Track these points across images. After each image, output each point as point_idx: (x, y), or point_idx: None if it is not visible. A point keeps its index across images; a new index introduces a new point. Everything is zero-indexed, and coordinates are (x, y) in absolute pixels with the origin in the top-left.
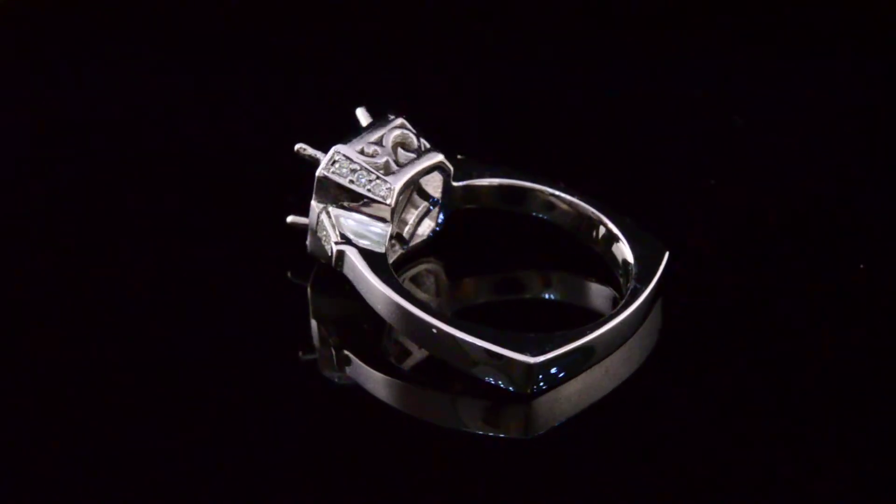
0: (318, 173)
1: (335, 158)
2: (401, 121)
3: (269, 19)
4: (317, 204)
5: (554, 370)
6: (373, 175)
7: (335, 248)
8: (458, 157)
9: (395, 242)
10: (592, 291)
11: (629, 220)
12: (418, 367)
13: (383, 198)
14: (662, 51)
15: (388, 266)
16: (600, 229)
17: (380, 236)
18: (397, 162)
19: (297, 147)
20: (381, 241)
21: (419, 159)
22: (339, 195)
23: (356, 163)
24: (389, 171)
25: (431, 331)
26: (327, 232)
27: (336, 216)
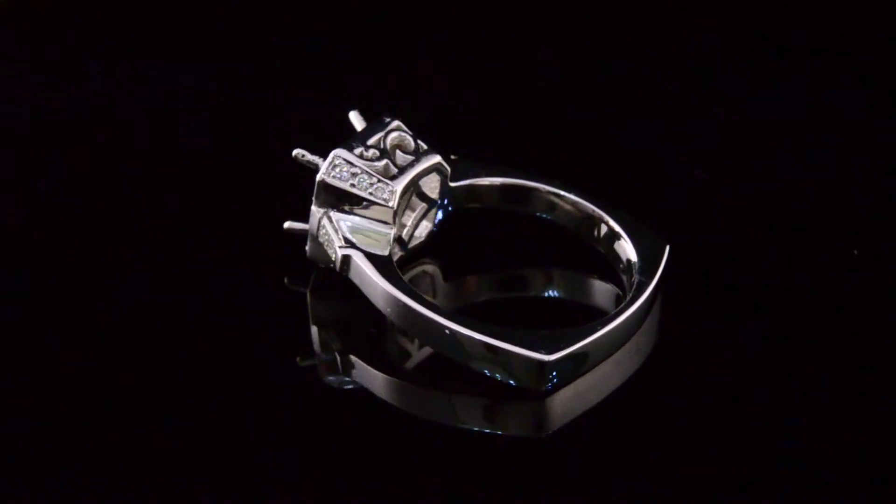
0: (318, 178)
1: (335, 163)
2: (397, 123)
3: (261, 22)
4: (317, 209)
5: (567, 367)
6: (374, 178)
7: (340, 253)
8: (452, 157)
9: (394, 245)
10: (594, 289)
11: (626, 214)
12: (426, 369)
13: (385, 200)
14: (657, 49)
15: (394, 269)
16: (602, 227)
17: (383, 239)
18: (396, 164)
19: (294, 153)
20: (384, 244)
21: (418, 161)
22: (340, 199)
23: (357, 166)
24: (389, 173)
25: (444, 332)
26: (330, 237)
27: (338, 220)
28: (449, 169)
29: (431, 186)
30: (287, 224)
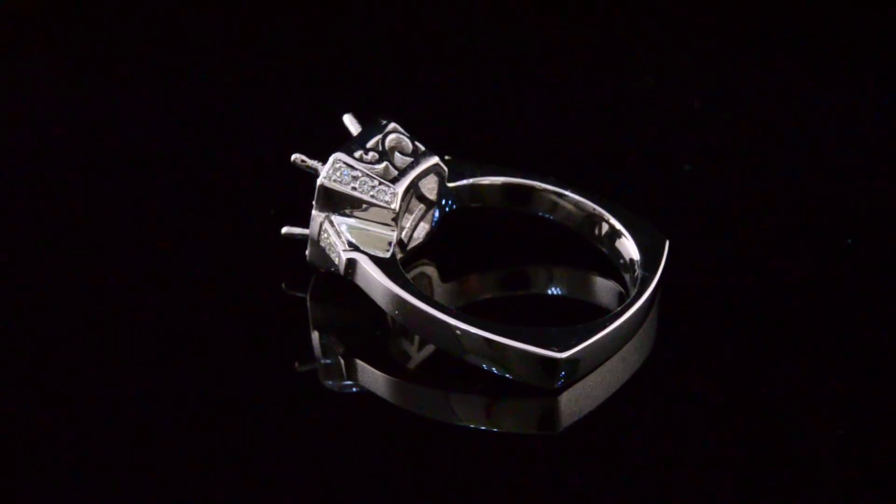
0: (319, 182)
1: (336, 166)
2: (394, 125)
3: (256, 26)
4: (318, 213)
5: (578, 363)
6: (375, 181)
7: (345, 257)
8: (446, 157)
9: (395, 247)
10: (596, 286)
11: (625, 210)
12: (431, 370)
13: (388, 203)
14: (651, 48)
15: (401, 271)
16: (603, 226)
17: (385, 242)
18: (395, 166)
19: (293, 158)
20: (386, 247)
21: (417, 162)
22: (342, 203)
23: (358, 170)
24: (390, 175)
25: (455, 332)
26: (332, 241)
27: (339, 224)
28: (446, 170)
29: (429, 188)
30: (285, 229)
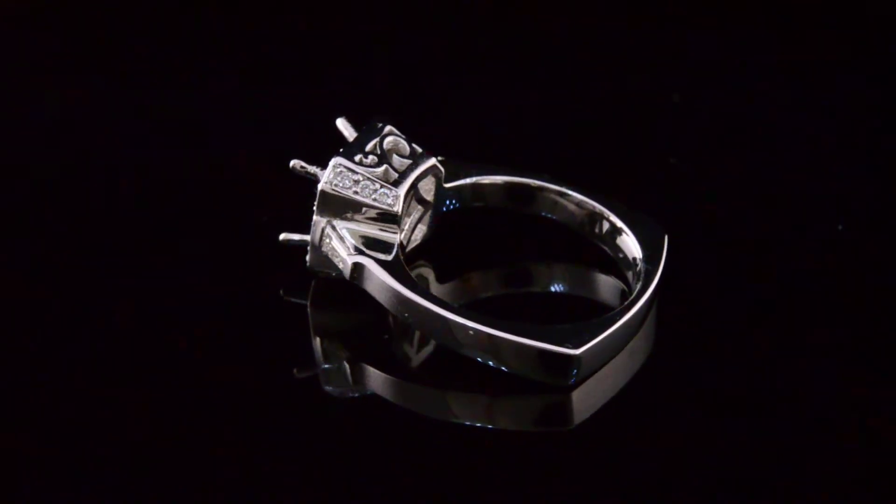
0: (320, 187)
1: (337, 171)
2: (389, 127)
3: (251, 31)
4: (320, 218)
5: (591, 359)
6: (376, 184)
7: (350, 261)
8: (439, 158)
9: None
10: (595, 283)
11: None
12: (439, 371)
13: (390, 206)
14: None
15: (407, 273)
16: (604, 224)
17: (389, 245)
18: (395, 168)
19: (292, 164)
20: (390, 250)
21: (416, 164)
22: (344, 208)
23: (359, 174)
24: (390, 178)
25: (468, 332)
26: (335, 246)
27: (342, 229)
28: (443, 171)
29: (426, 189)
30: (283, 236)
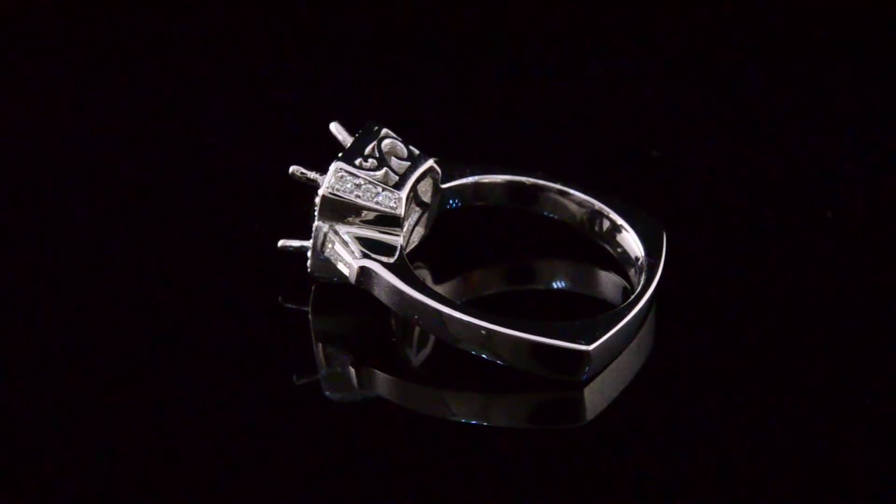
0: (322, 192)
1: (339, 175)
2: (386, 130)
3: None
4: (322, 223)
5: (603, 354)
6: (378, 187)
7: (356, 265)
8: (434, 159)
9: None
10: (595, 280)
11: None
12: (448, 372)
13: (393, 208)
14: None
15: (415, 275)
16: (604, 222)
17: (391, 247)
18: (394, 171)
19: (291, 170)
20: (393, 252)
21: (415, 166)
22: (346, 212)
23: (360, 177)
24: (390, 181)
25: (480, 332)
26: (338, 250)
27: (345, 233)
28: (440, 172)
29: (423, 190)
30: (281, 242)
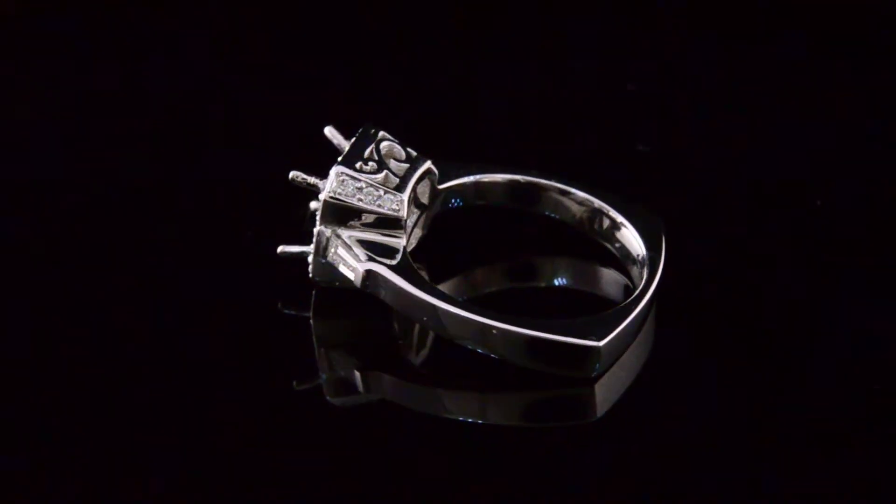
0: (323, 197)
1: (340, 179)
2: (382, 132)
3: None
4: (324, 228)
5: (613, 350)
6: (380, 190)
7: (362, 269)
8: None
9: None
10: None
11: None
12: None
13: (395, 211)
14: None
15: (421, 276)
16: (604, 220)
17: (394, 249)
18: (394, 173)
19: (291, 175)
20: (397, 254)
21: (413, 167)
22: (348, 216)
23: (361, 181)
24: (391, 183)
25: (492, 332)
26: (342, 254)
27: (349, 237)
28: (437, 172)
29: (421, 192)
30: (280, 249)
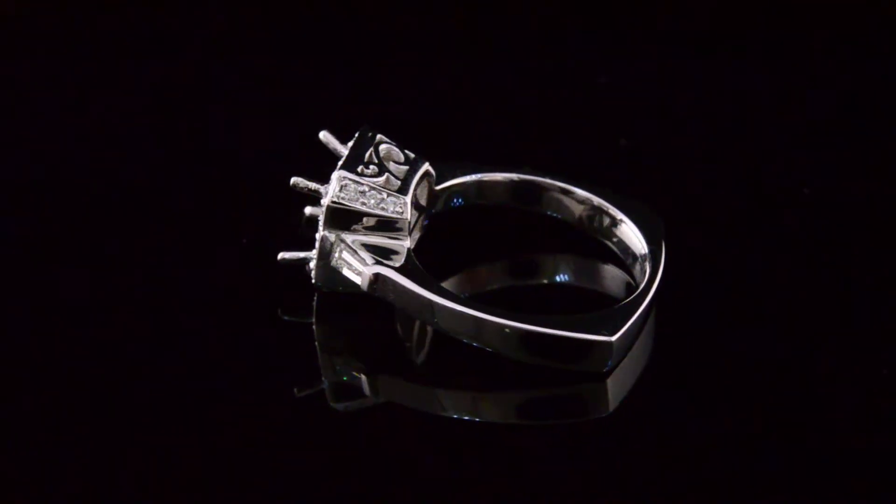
0: (326, 202)
1: (343, 184)
2: (380, 135)
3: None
4: (328, 233)
5: (624, 343)
6: (382, 193)
7: (370, 272)
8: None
9: None
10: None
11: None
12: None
13: (399, 213)
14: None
15: (428, 277)
16: (604, 218)
17: (398, 252)
18: (395, 176)
19: (293, 181)
20: (402, 256)
21: (413, 169)
22: (352, 220)
23: (364, 185)
24: (392, 186)
25: (504, 331)
26: (347, 259)
27: (353, 241)
28: (435, 174)
29: (419, 193)
30: (281, 255)
